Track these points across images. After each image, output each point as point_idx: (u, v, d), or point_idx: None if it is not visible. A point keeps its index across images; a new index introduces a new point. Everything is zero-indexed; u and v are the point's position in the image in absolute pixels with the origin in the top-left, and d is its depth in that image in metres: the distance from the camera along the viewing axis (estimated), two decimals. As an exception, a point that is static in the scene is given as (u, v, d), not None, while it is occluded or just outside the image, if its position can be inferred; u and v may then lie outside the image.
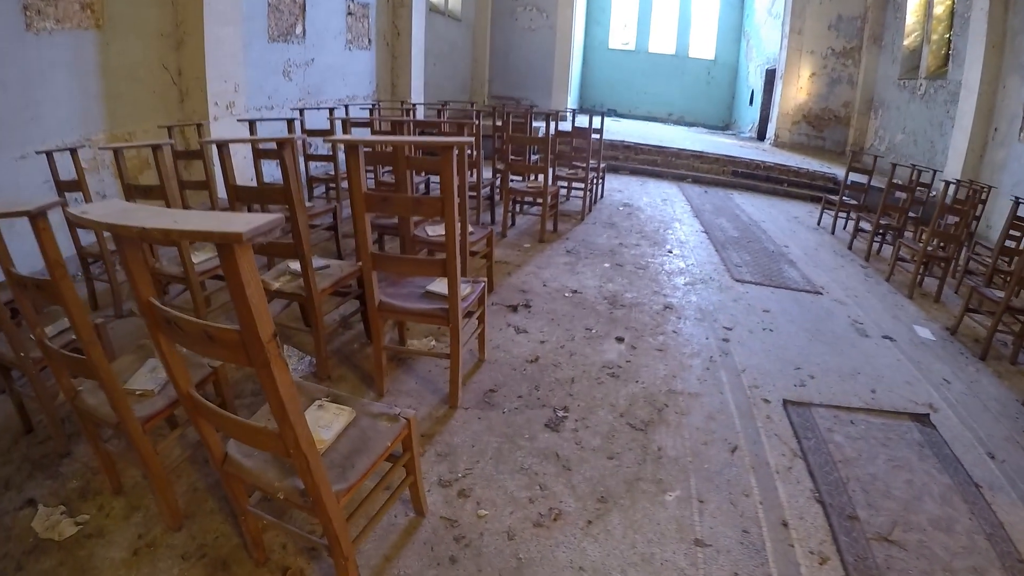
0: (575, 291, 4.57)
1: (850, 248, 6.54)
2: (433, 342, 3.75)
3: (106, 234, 4.18)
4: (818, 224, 7.38)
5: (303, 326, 3.86)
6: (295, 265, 3.40)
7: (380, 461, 2.01)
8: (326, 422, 2.13)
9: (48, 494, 2.48)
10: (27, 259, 2.65)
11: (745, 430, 3.21)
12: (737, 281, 5.17)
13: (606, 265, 5.17)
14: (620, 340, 3.90)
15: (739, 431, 3.20)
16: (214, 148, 3.11)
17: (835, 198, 7.21)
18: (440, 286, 3.25)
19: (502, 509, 2.56)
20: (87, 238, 4.16)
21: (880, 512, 2.72)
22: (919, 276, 5.40)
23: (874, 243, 6.32)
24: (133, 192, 3.67)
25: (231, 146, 3.33)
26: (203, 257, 3.81)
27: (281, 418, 1.51)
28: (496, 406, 3.15)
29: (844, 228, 7.17)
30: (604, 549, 2.46)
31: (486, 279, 3.55)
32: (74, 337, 2.40)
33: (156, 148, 3.36)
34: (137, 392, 2.35)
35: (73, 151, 3.87)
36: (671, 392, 3.45)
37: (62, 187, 3.98)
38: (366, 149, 4.07)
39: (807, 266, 5.80)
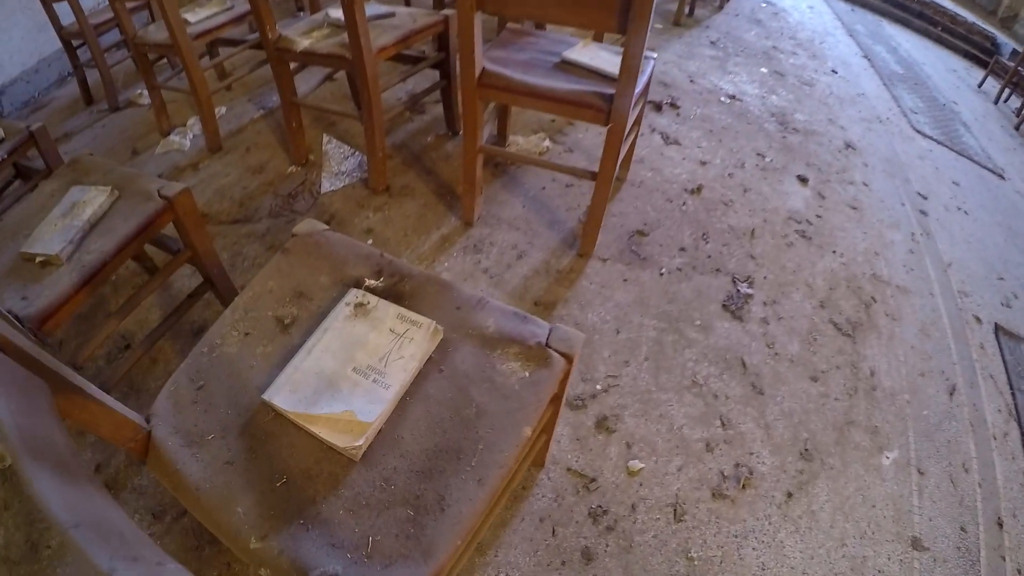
0: (732, 97, 2.85)
1: (1017, 129, 4.54)
2: (546, 142, 2.15)
3: (87, 9, 2.42)
4: (979, 87, 5.21)
5: (351, 108, 2.25)
6: (337, 12, 1.72)
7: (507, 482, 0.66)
8: (371, 360, 0.69)
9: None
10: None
11: (961, 361, 1.84)
12: (917, 132, 3.39)
13: (763, 70, 3.33)
14: (803, 181, 2.32)
15: (955, 362, 1.83)
16: None
17: (1009, 64, 4.98)
18: (588, 55, 1.62)
19: (666, 461, 1.26)
20: (67, 17, 2.44)
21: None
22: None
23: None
24: None
25: None
26: (203, 14, 2.08)
27: None
28: (649, 261, 1.70)
29: (1006, 101, 5.05)
30: (807, 546, 1.24)
31: (655, 53, 1.86)
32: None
33: None
34: (38, 259, 0.99)
35: None
36: (876, 279, 1.99)
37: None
38: None
39: (981, 136, 3.91)
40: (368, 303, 0.78)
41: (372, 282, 0.83)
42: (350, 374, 0.69)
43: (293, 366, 0.71)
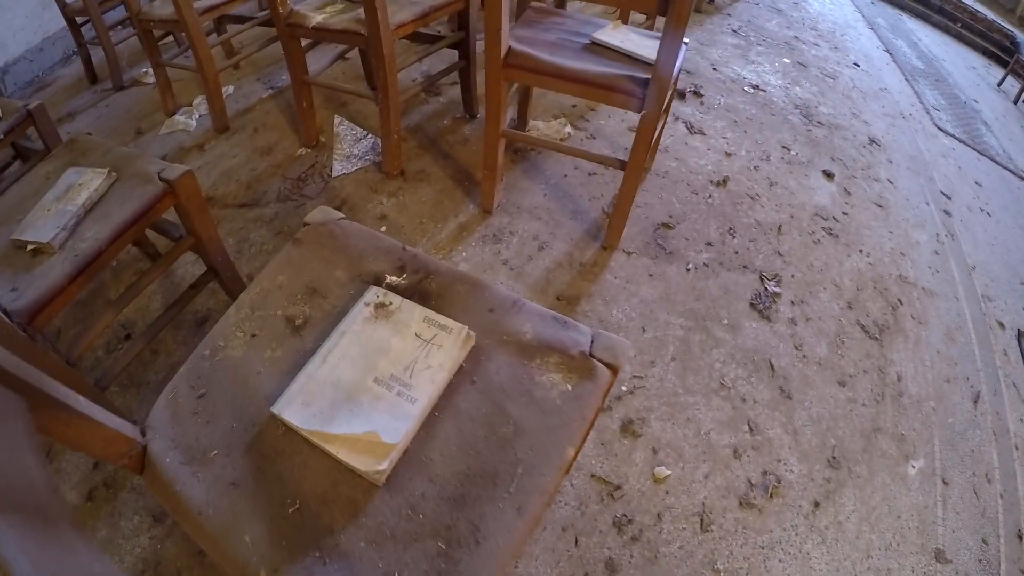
0: (756, 87, 2.73)
1: (1035, 132, 4.41)
2: (568, 128, 2.04)
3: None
4: (999, 86, 5.05)
5: (365, 88, 2.14)
6: (351, -13, 1.63)
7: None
8: (394, 369, 0.58)
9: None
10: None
11: (985, 368, 1.77)
12: (940, 130, 3.26)
13: (786, 61, 3.20)
14: (829, 176, 2.22)
15: (979, 368, 1.75)
16: None
17: (1031, 64, 4.84)
18: (619, 37, 1.51)
19: (692, 468, 1.18)
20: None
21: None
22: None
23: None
24: None
25: None
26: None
27: None
28: (675, 255, 1.60)
29: (1025, 102, 4.92)
30: (833, 558, 1.18)
31: (687, 40, 1.75)
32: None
33: None
34: (29, 247, 0.90)
35: None
36: (903, 281, 1.90)
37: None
38: None
39: (1002, 136, 3.78)
40: (390, 303, 0.69)
41: (394, 279, 0.74)
42: (371, 385, 0.60)
43: (306, 374, 0.62)
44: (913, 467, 1.44)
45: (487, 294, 0.72)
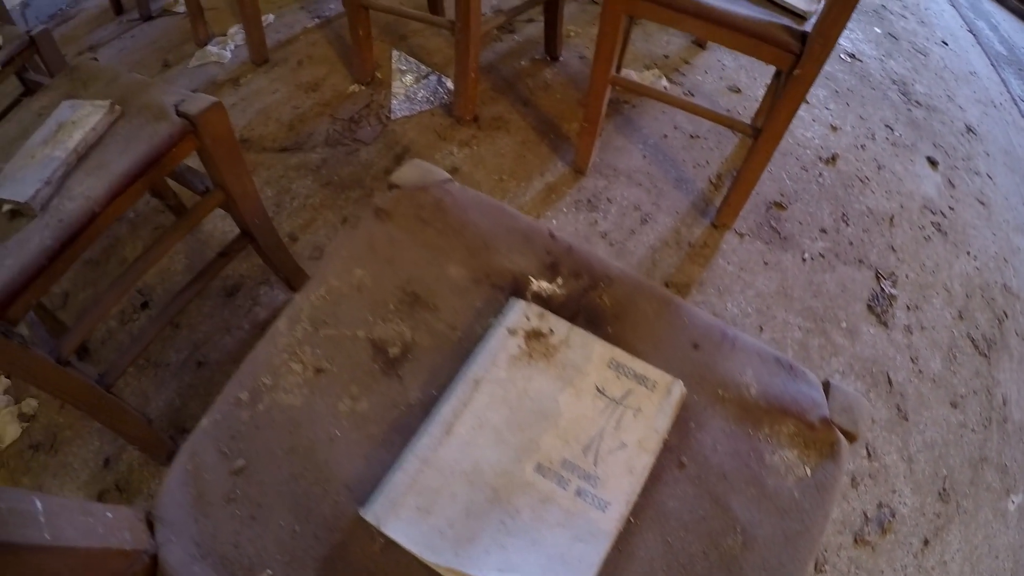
0: (852, 56, 2.40)
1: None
2: (663, 81, 1.74)
3: None
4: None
5: (429, 13, 1.81)
6: None
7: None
8: (567, 450, 0.39)
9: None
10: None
11: None
12: (1030, 124, 2.96)
13: (877, 31, 2.83)
14: (933, 164, 1.94)
15: None
16: None
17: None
18: None
19: (814, 497, 1.01)
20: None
21: None
22: None
23: None
24: None
25: None
26: None
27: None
28: (790, 241, 1.36)
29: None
30: None
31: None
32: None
33: None
34: (5, 207, 0.59)
35: None
36: (1007, 291, 1.66)
37: None
38: None
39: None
40: (551, 332, 0.43)
41: (544, 285, 0.47)
42: (532, 478, 0.37)
43: (419, 456, 0.37)
44: (1013, 502, 1.26)
45: (685, 318, 0.48)
